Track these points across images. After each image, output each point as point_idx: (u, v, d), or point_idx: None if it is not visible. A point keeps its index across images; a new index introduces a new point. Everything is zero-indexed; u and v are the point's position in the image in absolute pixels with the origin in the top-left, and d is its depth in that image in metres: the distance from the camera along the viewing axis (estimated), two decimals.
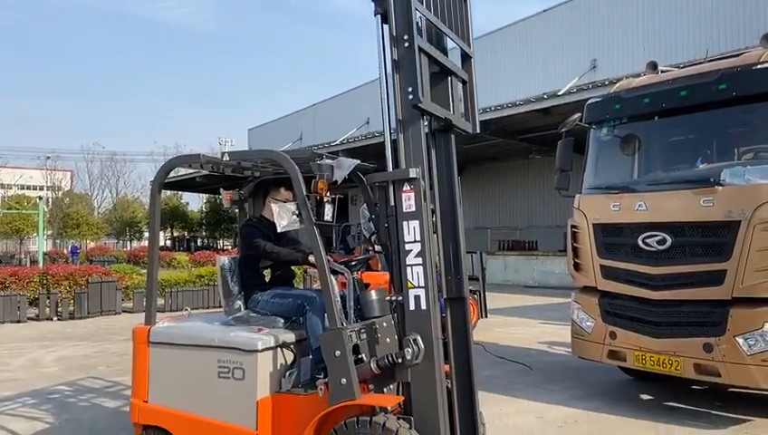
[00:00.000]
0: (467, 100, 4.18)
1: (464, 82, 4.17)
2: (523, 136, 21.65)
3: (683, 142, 6.37)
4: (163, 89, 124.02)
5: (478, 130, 4.12)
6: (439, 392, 3.53)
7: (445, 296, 3.89)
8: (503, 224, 26.45)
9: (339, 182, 3.84)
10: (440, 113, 3.82)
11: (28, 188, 59.66)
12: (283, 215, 3.82)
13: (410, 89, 3.47)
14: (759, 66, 5.39)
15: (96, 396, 6.67)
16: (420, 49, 3.54)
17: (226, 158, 4.04)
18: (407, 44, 3.49)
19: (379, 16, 3.61)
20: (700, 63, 6.58)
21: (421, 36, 3.66)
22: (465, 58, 4.23)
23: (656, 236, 5.68)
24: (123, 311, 14.32)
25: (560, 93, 18.48)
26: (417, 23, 3.58)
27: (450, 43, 4.05)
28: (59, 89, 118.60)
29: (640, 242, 5.79)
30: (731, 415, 5.67)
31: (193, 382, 3.94)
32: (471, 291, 8.20)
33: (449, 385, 3.86)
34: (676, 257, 5.59)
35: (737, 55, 6.04)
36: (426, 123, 3.71)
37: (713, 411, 5.84)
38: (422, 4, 3.64)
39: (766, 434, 5.18)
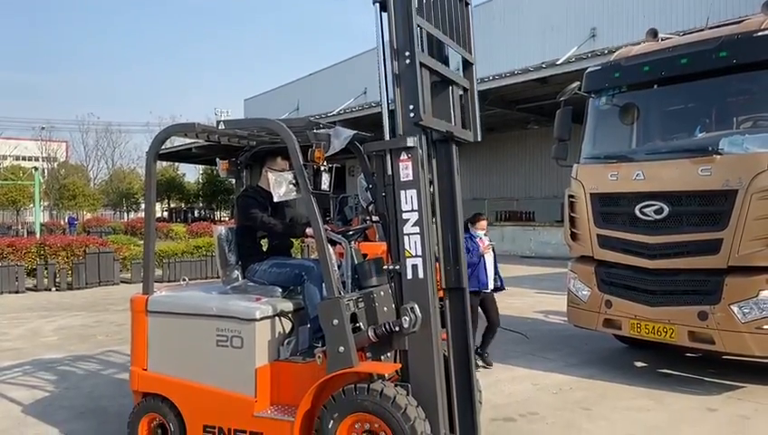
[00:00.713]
0: (468, 107, 4.15)
1: (464, 90, 4.15)
2: (522, 106, 21.50)
3: (682, 111, 6.33)
4: (158, 59, 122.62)
5: (479, 139, 4.13)
6: (436, 360, 3.56)
7: (444, 287, 3.92)
8: (500, 194, 26.44)
9: (337, 150, 3.81)
10: (442, 127, 3.81)
11: (23, 159, 59.32)
12: (279, 184, 3.80)
13: (411, 106, 3.46)
14: (760, 33, 5.34)
15: (95, 365, 6.73)
16: (422, 64, 3.51)
17: (222, 127, 4.00)
18: (408, 61, 3.45)
19: (377, 4, 3.56)
20: (701, 31, 6.52)
21: (422, 45, 3.63)
22: (467, 65, 4.19)
23: (653, 205, 5.69)
24: (121, 281, 14.37)
25: (558, 63, 18.31)
26: (419, 31, 3.52)
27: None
28: (52, 59, 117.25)
29: (637, 211, 5.79)
30: (724, 382, 5.75)
31: (192, 351, 3.96)
32: None
33: (446, 353, 3.90)
34: (673, 227, 5.60)
35: (738, 22, 5.97)
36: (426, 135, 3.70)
37: (706, 378, 5.92)
38: (423, 16, 3.58)
39: (759, 400, 5.25)
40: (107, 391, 5.71)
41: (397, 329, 3.50)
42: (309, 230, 3.96)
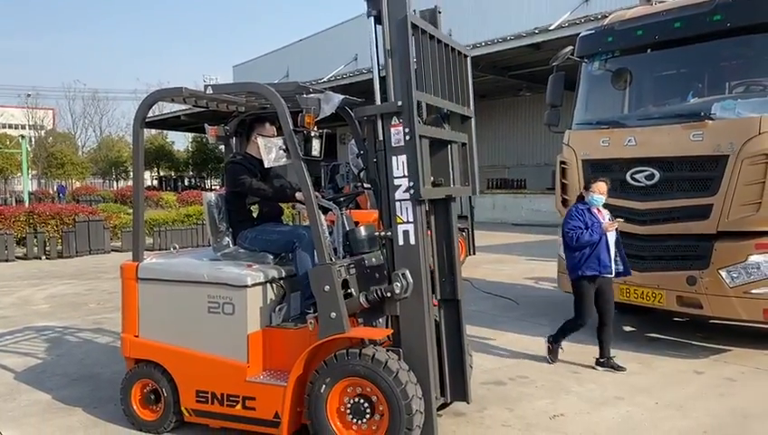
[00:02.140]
0: (466, 161, 4.20)
1: (462, 144, 4.19)
2: (514, 73, 21.35)
3: (675, 76, 6.30)
4: (146, 25, 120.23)
5: (477, 193, 4.22)
6: (427, 325, 3.58)
7: (438, 298, 3.96)
8: (492, 162, 26.39)
9: (327, 115, 3.76)
10: (441, 194, 3.89)
11: (10, 127, 58.47)
12: (269, 150, 3.75)
13: (412, 184, 3.48)
14: None
15: (87, 332, 6.73)
16: (422, 136, 3.56)
17: (210, 91, 3.93)
18: (408, 137, 3.47)
19: (372, 18, 3.57)
20: None
21: (421, 116, 3.75)
22: (464, 118, 4.21)
23: (644, 171, 5.69)
24: (112, 250, 14.33)
25: (551, 28, 18.10)
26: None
27: None
28: (37, 24, 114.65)
29: (628, 177, 5.80)
30: (711, 345, 5.84)
31: (183, 317, 3.96)
32: (459, 229, 8.27)
33: (437, 318, 3.92)
34: (664, 192, 5.62)
35: None
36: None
37: (693, 342, 6.01)
38: (424, 73, 3.63)
39: (744, 363, 5.34)
40: (99, 358, 5.73)
41: (388, 295, 3.52)
42: (299, 195, 3.93)
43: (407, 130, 3.46)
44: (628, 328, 6.63)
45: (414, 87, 3.43)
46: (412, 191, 3.48)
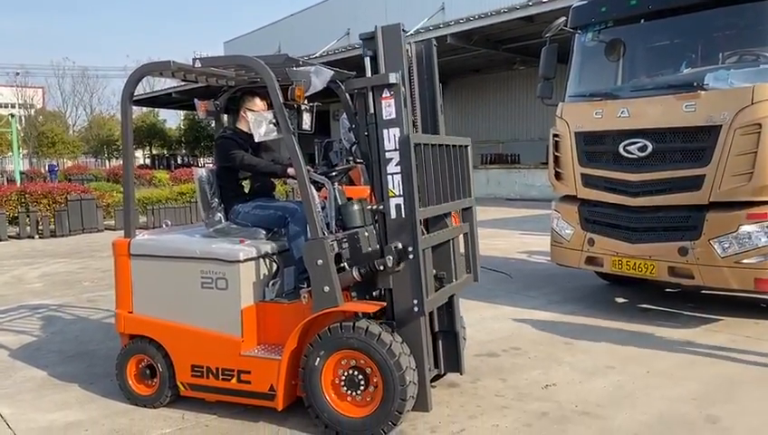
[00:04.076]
0: (468, 251, 4.26)
1: (465, 235, 4.23)
2: (507, 46, 21.15)
3: (668, 47, 6.26)
4: (135, 1, 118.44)
5: (477, 281, 4.29)
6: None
7: (436, 329, 4.01)
8: (485, 137, 26.30)
9: (318, 90, 3.72)
10: (444, 300, 3.92)
11: None
12: (259, 124, 3.71)
13: (416, 301, 3.45)
14: None
15: (82, 310, 6.74)
16: (424, 252, 3.55)
17: (198, 65, 3.88)
18: (411, 256, 3.45)
19: (368, 58, 3.62)
20: None
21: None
22: (467, 209, 4.23)
23: (637, 142, 5.69)
24: (105, 228, 14.30)
25: (544, 0, 17.92)
26: None
27: None
28: (24, 1, 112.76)
29: (621, 149, 5.80)
30: (702, 315, 5.90)
31: (176, 293, 3.96)
32: None
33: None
34: (657, 164, 5.62)
35: None
36: None
37: (685, 312, 6.07)
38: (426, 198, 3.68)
39: (734, 332, 5.40)
40: (94, 335, 5.74)
41: (381, 268, 3.52)
42: (291, 170, 3.92)
43: (410, 248, 3.45)
44: (620, 299, 6.69)
45: (417, 206, 3.45)
46: (416, 310, 3.46)
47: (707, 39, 5.91)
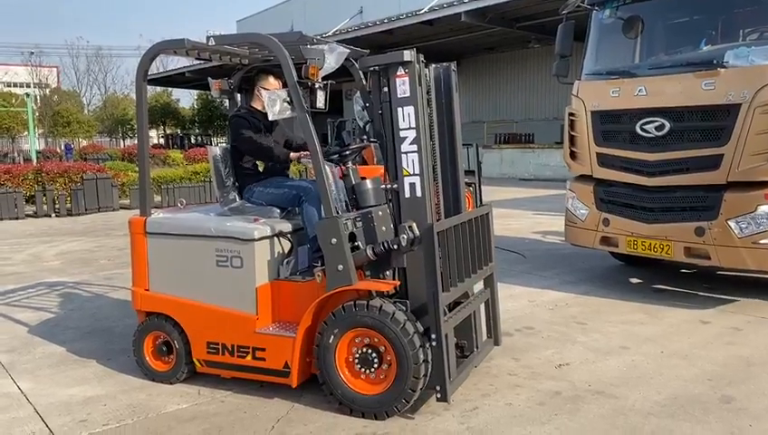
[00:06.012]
0: (490, 316, 4.33)
1: (486, 303, 4.26)
2: (522, 24, 20.89)
3: (687, 24, 6.15)
4: None
5: (500, 344, 4.35)
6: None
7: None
8: (499, 117, 26.13)
9: (333, 68, 3.70)
10: (465, 378, 3.87)
11: (14, 85, 58.14)
12: (273, 102, 3.69)
13: (438, 388, 3.45)
14: None
15: (99, 287, 6.83)
16: (447, 336, 3.52)
17: (212, 43, 3.87)
18: (434, 343, 3.43)
19: None
20: None
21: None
22: (489, 276, 4.24)
23: (654, 121, 5.61)
24: (121, 207, 14.42)
25: None
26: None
27: None
28: None
29: (638, 128, 5.72)
30: (717, 296, 5.86)
31: (192, 271, 3.99)
32: (467, 184, 8.23)
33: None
34: (674, 143, 5.55)
35: None
36: None
37: (700, 293, 6.03)
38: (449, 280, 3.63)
39: (750, 313, 5.36)
40: (112, 312, 5.82)
41: (395, 247, 3.52)
42: (294, 155, 3.92)
43: (433, 335, 3.43)
44: (635, 280, 6.66)
45: (440, 290, 3.43)
46: (439, 396, 3.47)
47: (727, 15, 5.79)
